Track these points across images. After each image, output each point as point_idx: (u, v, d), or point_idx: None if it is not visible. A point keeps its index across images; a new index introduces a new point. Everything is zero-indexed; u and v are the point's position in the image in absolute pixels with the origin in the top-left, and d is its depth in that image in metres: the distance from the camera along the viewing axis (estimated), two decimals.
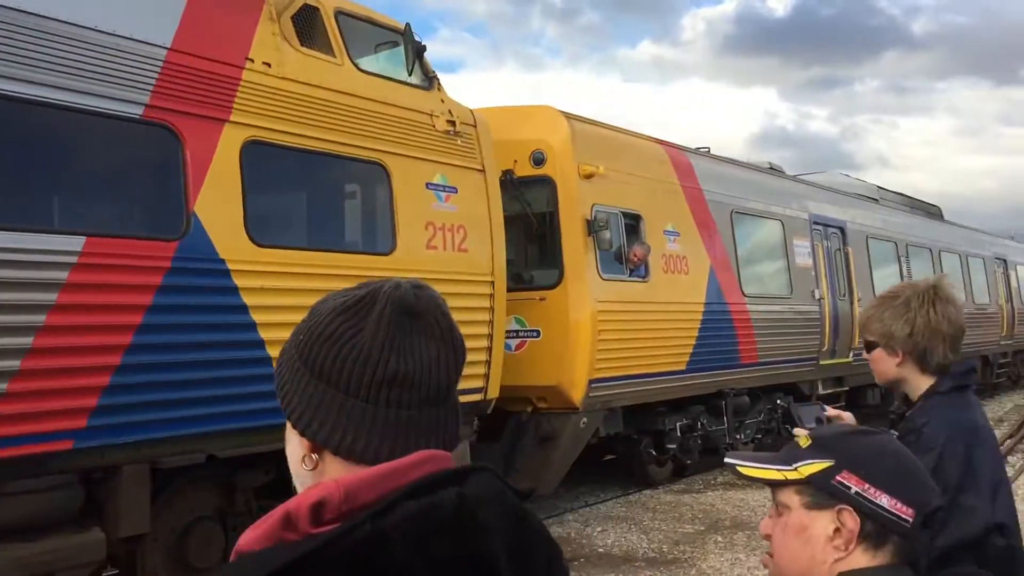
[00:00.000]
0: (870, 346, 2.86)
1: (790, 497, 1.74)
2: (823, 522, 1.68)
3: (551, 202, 10.45)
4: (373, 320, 1.26)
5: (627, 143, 11.69)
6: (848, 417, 3.12)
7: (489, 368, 8.64)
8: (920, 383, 2.78)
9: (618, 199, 11.04)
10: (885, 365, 2.81)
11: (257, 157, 6.63)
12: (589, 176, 10.53)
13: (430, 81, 8.45)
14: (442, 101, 8.47)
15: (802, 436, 1.82)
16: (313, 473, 1.28)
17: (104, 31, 5.81)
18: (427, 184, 8.05)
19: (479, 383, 8.58)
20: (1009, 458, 15.28)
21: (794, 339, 14.29)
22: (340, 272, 7.06)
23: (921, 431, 2.54)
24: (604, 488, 12.86)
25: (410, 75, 8.21)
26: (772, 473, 1.78)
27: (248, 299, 6.38)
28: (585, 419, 10.50)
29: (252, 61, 6.71)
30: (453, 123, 8.42)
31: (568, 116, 10.68)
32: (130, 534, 5.88)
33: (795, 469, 1.74)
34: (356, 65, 7.69)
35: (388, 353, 1.24)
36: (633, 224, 11.33)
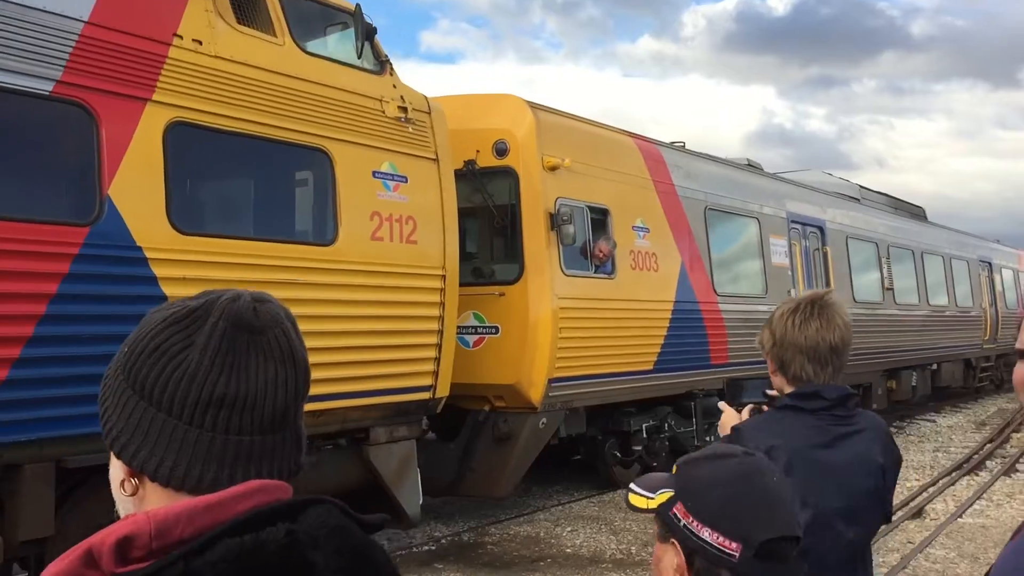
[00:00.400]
0: None
1: (655, 526, 1.69)
2: (669, 555, 1.62)
3: (513, 194, 10.10)
4: (204, 334, 1.15)
5: (595, 135, 11.34)
6: None
7: (438, 365, 8.29)
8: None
9: (584, 193, 10.70)
10: (770, 372, 2.77)
11: (183, 139, 6.26)
12: (553, 168, 10.19)
13: (381, 65, 8.08)
14: (394, 86, 8.11)
15: (678, 462, 1.74)
16: (133, 500, 1.17)
17: (11, 1, 5.44)
18: (374, 172, 7.69)
19: (427, 381, 8.24)
20: (987, 463, 15.04)
21: None
22: (274, 263, 6.71)
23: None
24: (579, 487, 12.60)
25: (359, 58, 7.85)
26: (640, 500, 1.70)
27: (168, 290, 6.02)
28: (544, 419, 10.17)
29: (181, 38, 6.34)
30: (405, 109, 8.06)
31: (533, 106, 10.33)
32: (31, 537, 5.52)
33: (654, 498, 1.68)
34: (300, 46, 7.32)
35: (218, 372, 1.14)
36: (600, 219, 10.99)
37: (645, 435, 11.97)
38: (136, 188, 5.89)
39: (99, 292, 5.65)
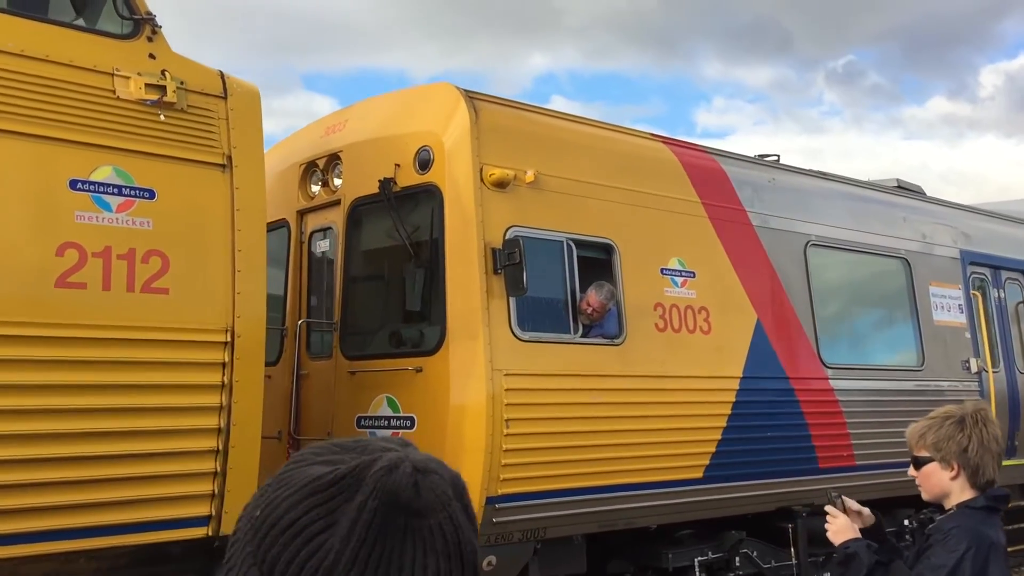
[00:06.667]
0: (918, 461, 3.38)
1: None
2: None
3: (436, 223, 6.96)
4: (351, 513, 0.91)
5: (592, 138, 7.91)
6: (867, 514, 3.62)
7: (224, 483, 5.26)
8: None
9: (565, 220, 7.35)
10: (947, 478, 3.30)
11: None
12: (501, 184, 6.96)
13: (135, 25, 5.36)
14: (151, 56, 5.34)
15: None
16: None
17: None
18: (73, 182, 4.91)
19: (202, 509, 5.22)
20: None
21: None
22: None
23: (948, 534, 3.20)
24: None
25: (78, 16, 5.19)
26: None
27: None
28: (491, 558, 6.78)
29: None
30: (162, 89, 5.26)
31: (473, 97, 7.15)
32: None
33: None
34: None
35: (362, 567, 0.89)
36: (599, 258, 7.58)
37: (700, 573, 8.15)
38: None
39: None
